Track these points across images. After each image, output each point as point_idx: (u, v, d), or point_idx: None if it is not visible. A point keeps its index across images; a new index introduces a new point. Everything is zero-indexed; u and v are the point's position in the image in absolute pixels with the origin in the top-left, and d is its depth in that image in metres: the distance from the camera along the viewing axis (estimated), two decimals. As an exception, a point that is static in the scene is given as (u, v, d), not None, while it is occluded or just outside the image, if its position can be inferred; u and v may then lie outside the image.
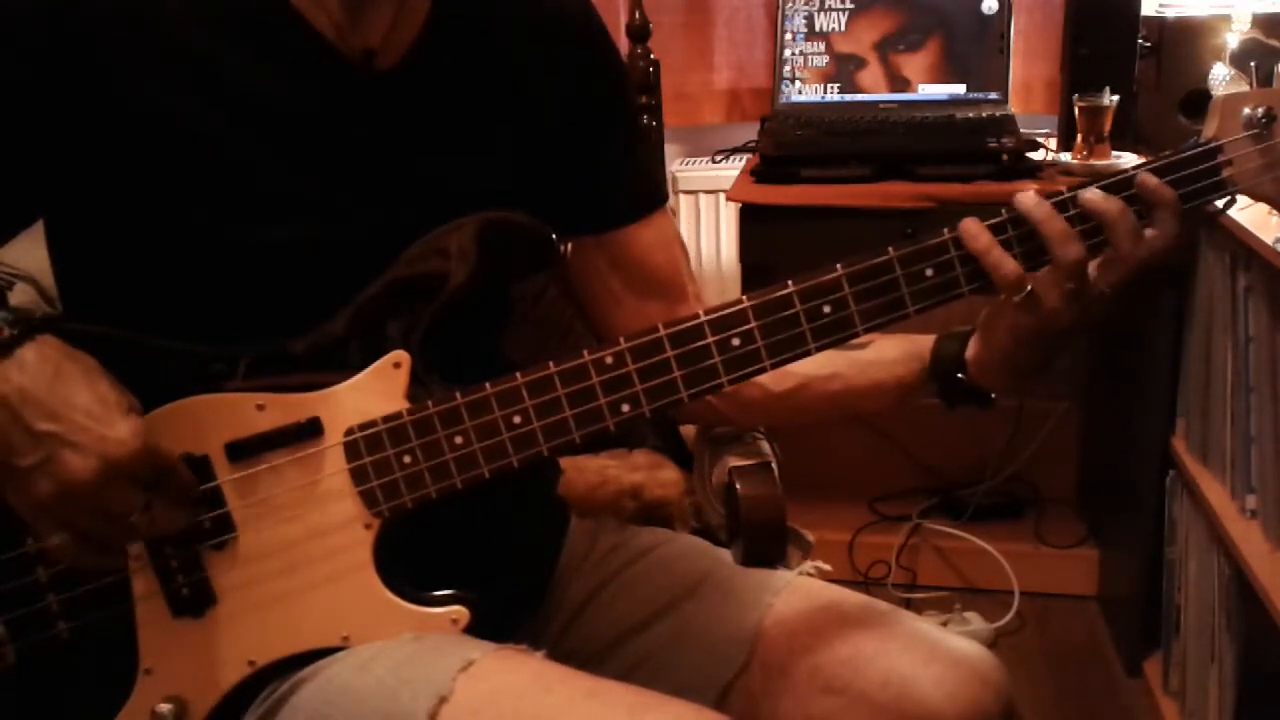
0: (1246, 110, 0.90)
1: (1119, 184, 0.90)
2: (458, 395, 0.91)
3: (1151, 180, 0.89)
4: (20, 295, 1.27)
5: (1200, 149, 0.91)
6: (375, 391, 0.92)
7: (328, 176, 0.94)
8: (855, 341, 0.93)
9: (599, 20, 1.08)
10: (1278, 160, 0.90)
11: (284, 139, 0.92)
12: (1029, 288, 0.90)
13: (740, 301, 0.91)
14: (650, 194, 1.12)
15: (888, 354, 1.04)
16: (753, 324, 0.90)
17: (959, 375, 1.00)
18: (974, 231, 0.90)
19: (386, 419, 0.91)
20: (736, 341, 0.91)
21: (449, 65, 0.98)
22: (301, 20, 0.93)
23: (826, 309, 0.90)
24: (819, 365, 1.03)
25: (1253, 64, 1.61)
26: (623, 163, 1.09)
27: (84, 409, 0.84)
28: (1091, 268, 0.90)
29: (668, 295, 1.11)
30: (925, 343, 1.03)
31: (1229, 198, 0.92)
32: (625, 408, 0.91)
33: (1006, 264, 0.89)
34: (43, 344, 0.85)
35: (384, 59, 0.95)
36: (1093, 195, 0.89)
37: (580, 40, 1.06)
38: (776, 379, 1.04)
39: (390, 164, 0.96)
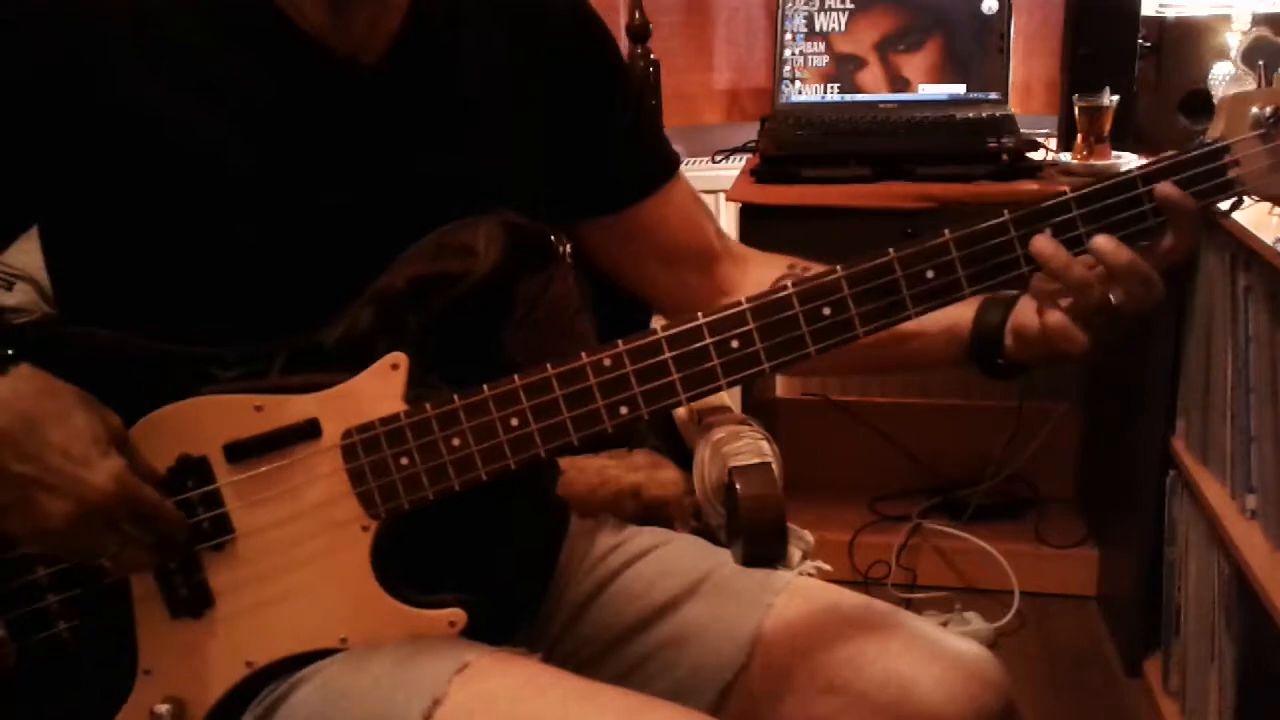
0: (1254, 110, 0.88)
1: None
2: (455, 397, 0.91)
3: (1174, 192, 0.88)
4: (20, 295, 1.27)
5: (1207, 149, 0.89)
6: (373, 393, 0.92)
7: (320, 175, 0.93)
8: None
9: (585, 3, 1.07)
10: None
11: (274, 138, 0.92)
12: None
13: (739, 303, 0.90)
14: (661, 166, 1.11)
15: (928, 327, 1.00)
16: (751, 326, 0.90)
17: (999, 360, 0.98)
18: (1049, 251, 0.87)
19: (384, 421, 0.91)
20: (735, 344, 0.90)
21: (433, 59, 0.98)
22: (284, 18, 0.92)
23: (826, 311, 0.90)
24: None
25: (1261, 62, 1.60)
26: (627, 141, 1.08)
27: (60, 449, 0.83)
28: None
29: (697, 262, 1.10)
30: (966, 319, 1.00)
31: (1236, 198, 0.91)
32: (623, 410, 0.91)
33: (1096, 289, 0.88)
34: (17, 378, 0.84)
35: (367, 55, 0.95)
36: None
37: (565, 25, 1.05)
38: None
39: (381, 160, 0.95)
